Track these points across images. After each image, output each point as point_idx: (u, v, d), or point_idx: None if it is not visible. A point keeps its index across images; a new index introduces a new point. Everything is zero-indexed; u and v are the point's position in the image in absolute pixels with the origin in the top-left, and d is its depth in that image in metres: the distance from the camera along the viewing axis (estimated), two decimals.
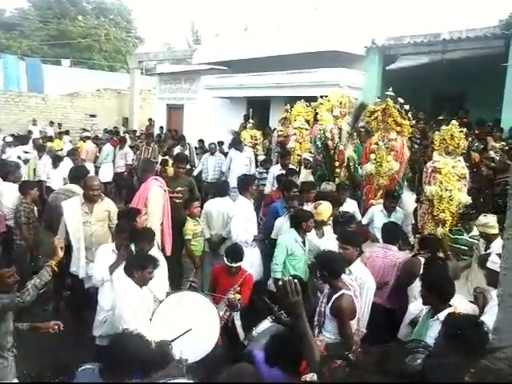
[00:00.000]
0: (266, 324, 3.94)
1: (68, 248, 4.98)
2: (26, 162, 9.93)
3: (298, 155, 8.14)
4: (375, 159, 6.50)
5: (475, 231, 5.25)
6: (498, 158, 7.24)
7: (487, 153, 7.77)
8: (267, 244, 5.83)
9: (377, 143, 6.52)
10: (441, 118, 8.39)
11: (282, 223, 5.51)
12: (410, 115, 6.60)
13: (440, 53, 10.15)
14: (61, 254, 3.71)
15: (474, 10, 14.68)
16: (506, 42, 9.14)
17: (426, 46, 10.39)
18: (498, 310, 1.93)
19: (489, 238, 4.84)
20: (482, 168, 7.09)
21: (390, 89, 6.62)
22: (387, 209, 5.98)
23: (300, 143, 8.22)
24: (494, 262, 3.74)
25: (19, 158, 9.86)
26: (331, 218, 5.33)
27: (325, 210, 5.23)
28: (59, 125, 18.54)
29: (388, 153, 6.44)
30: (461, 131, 5.60)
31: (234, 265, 4.60)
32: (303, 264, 4.92)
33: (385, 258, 4.63)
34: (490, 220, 4.85)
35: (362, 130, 7.82)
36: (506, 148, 7.82)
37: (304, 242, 4.99)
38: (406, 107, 6.50)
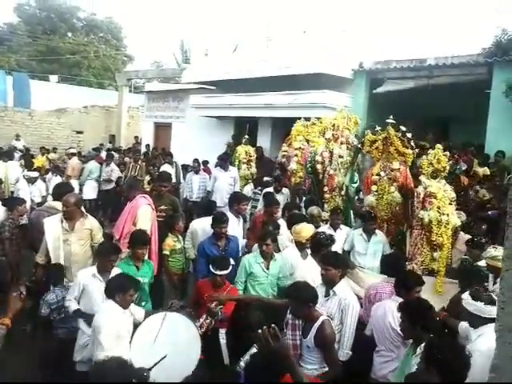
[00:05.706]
0: (254, 351, 3.87)
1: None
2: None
3: (300, 177, 7.79)
4: (376, 191, 6.27)
5: (482, 262, 4.86)
6: (482, 191, 7.25)
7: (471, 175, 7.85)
8: None
9: (378, 174, 6.28)
10: (423, 143, 8.33)
11: None
12: (412, 143, 6.35)
13: (425, 78, 10.33)
14: (17, 306, 3.51)
15: (458, 37, 15.07)
16: (489, 69, 9.34)
17: (412, 70, 10.56)
18: (496, 345, 1.88)
19: (496, 272, 4.46)
20: (471, 192, 7.11)
21: (391, 117, 6.34)
22: (366, 232, 5.89)
23: (302, 164, 7.82)
24: (468, 303, 3.53)
25: None
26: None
27: (302, 230, 5.17)
28: (54, 149, 17.61)
29: (391, 183, 6.21)
30: (444, 155, 5.63)
31: (219, 273, 4.53)
32: (266, 286, 4.91)
33: (394, 295, 4.19)
34: (500, 253, 4.59)
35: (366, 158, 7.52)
36: (488, 174, 7.90)
37: (268, 266, 4.94)
38: (409, 135, 6.29)
